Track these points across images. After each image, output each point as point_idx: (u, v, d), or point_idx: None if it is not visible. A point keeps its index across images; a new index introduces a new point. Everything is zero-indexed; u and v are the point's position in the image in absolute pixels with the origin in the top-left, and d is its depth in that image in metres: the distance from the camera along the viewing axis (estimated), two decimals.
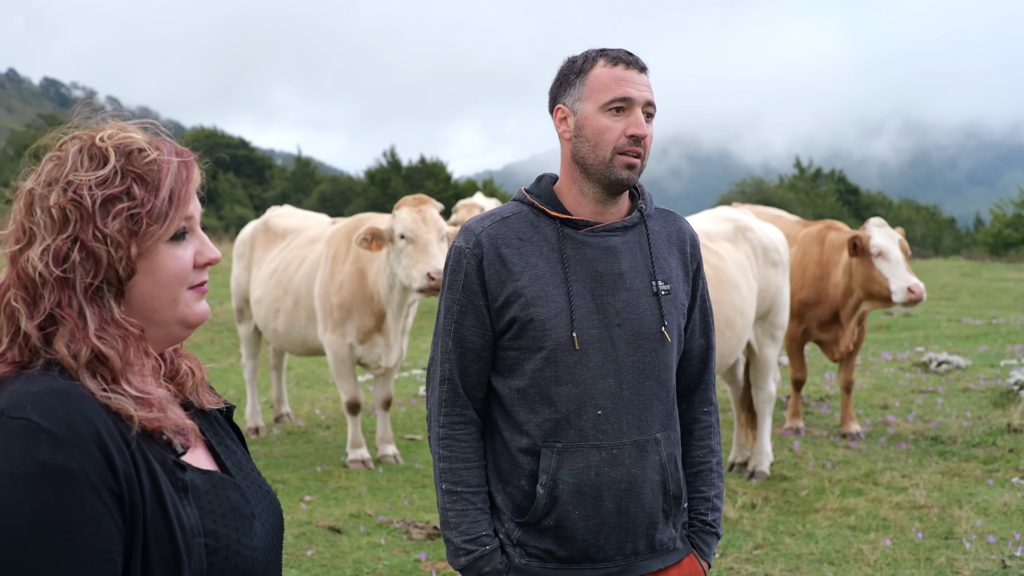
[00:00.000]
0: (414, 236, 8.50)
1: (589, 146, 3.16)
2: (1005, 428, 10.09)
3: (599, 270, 3.18)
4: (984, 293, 23.64)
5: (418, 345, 16.41)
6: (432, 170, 60.19)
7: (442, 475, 3.24)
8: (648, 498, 3.20)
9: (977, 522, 7.49)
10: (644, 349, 3.19)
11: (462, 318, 3.20)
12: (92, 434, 1.92)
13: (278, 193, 60.89)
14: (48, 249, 2.00)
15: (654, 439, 3.21)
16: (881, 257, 9.55)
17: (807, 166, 72.67)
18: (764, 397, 9.04)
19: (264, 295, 10.00)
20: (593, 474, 3.14)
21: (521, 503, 3.21)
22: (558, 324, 3.12)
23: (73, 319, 2.01)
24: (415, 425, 11.10)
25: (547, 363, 3.13)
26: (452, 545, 3.22)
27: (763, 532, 7.45)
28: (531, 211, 3.26)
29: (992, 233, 52.65)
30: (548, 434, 3.15)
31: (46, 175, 2.05)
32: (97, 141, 2.08)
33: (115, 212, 2.04)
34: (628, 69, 3.14)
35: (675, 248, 3.35)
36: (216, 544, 2.06)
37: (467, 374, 3.23)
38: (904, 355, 15.06)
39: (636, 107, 3.13)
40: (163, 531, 1.98)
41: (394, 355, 9.37)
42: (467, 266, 3.19)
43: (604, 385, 3.14)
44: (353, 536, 7.49)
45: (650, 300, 3.21)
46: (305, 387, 13.59)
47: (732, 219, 8.68)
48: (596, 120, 3.14)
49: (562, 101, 3.24)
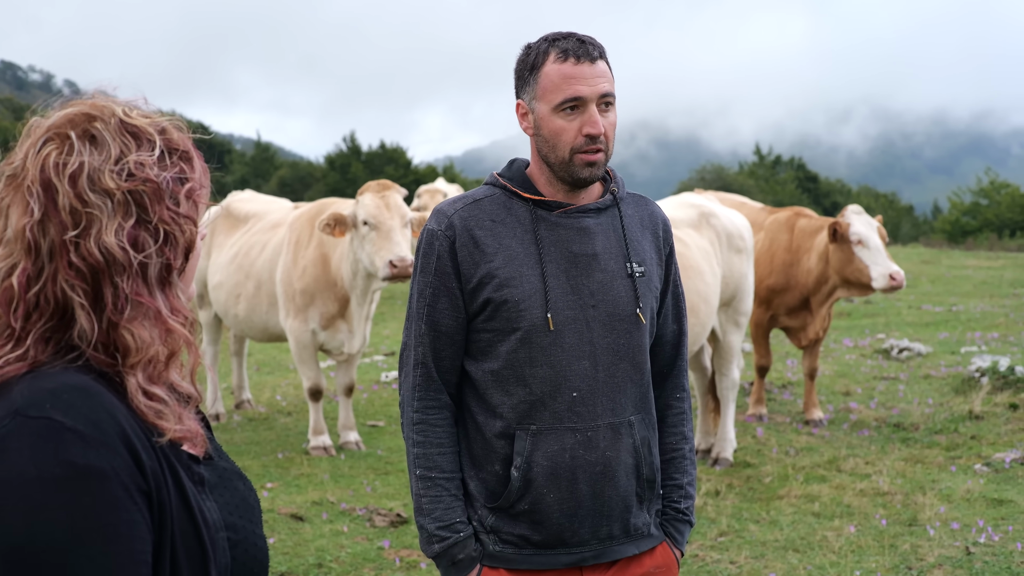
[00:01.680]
0: (377, 222, 8.43)
1: (548, 146, 3.13)
2: (967, 415, 10.12)
3: (573, 251, 3.14)
4: (943, 280, 23.78)
5: (379, 331, 16.36)
6: (392, 155, 60.06)
7: (416, 460, 3.19)
8: (623, 481, 3.17)
9: (941, 509, 7.51)
10: (619, 331, 3.16)
11: (435, 301, 3.15)
12: (118, 431, 1.82)
13: (237, 178, 60.55)
14: (123, 232, 1.89)
15: (628, 422, 3.18)
16: (861, 244, 9.55)
17: (767, 153, 72.98)
18: (728, 384, 9.03)
19: (225, 280, 9.91)
20: (568, 457, 3.11)
21: (495, 488, 3.17)
22: (532, 305, 3.09)
23: (152, 305, 1.92)
24: (377, 412, 11.05)
25: (521, 344, 3.10)
26: (426, 532, 3.18)
27: (727, 519, 7.44)
28: (504, 194, 3.22)
29: (950, 221, 53.10)
30: (522, 416, 3.11)
31: (79, 155, 1.91)
32: (123, 117, 1.97)
33: (184, 193, 1.98)
34: (579, 63, 3.06)
35: (648, 232, 3.32)
36: (236, 537, 2.01)
37: (441, 358, 3.18)
38: (865, 342, 15.11)
39: (590, 104, 3.06)
40: (188, 528, 1.91)
41: (357, 341, 9.30)
42: (439, 248, 3.14)
43: (579, 367, 3.11)
44: (315, 523, 7.43)
45: (624, 282, 3.18)
46: (266, 373, 13.51)
47: (696, 205, 8.65)
48: (551, 121, 3.10)
49: (521, 97, 3.20)
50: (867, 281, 9.53)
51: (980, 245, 41.47)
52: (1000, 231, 47.49)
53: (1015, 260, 30.18)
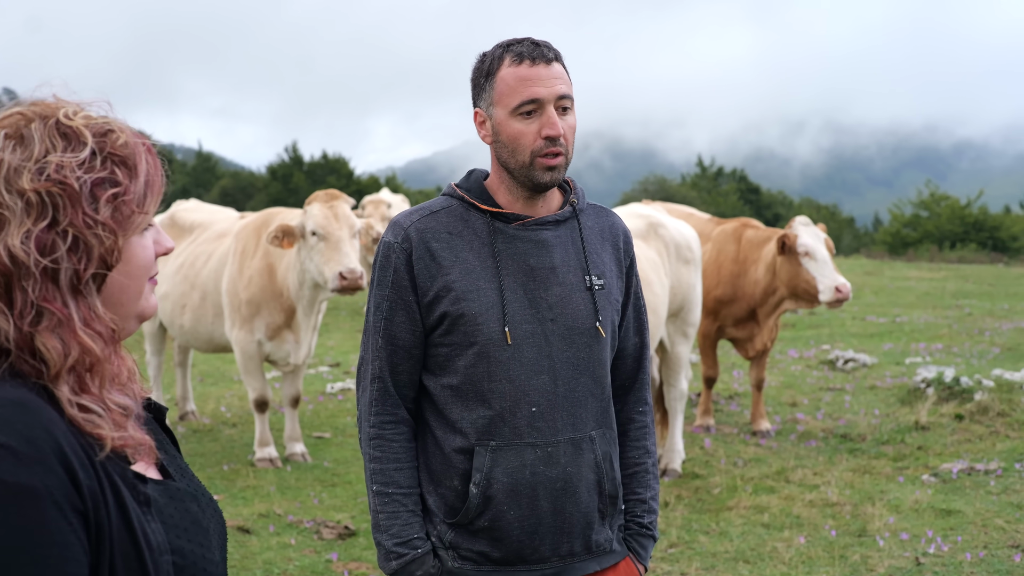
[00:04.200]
0: (326, 233, 8.36)
1: (508, 152, 3.08)
2: (913, 425, 10.18)
3: (531, 264, 3.10)
4: (887, 291, 23.96)
5: (325, 342, 16.29)
6: (334, 166, 59.96)
7: (373, 476, 3.14)
8: (584, 497, 3.13)
9: (890, 519, 7.53)
10: (578, 344, 3.12)
11: (392, 314, 3.11)
12: (54, 448, 1.75)
13: (178, 188, 60.16)
14: (30, 235, 1.81)
15: (589, 436, 3.14)
16: (808, 256, 9.57)
17: (710, 165, 73.42)
18: (676, 395, 9.03)
19: (170, 290, 9.80)
20: (528, 473, 3.07)
21: (453, 503, 3.12)
22: (490, 319, 3.04)
23: (61, 313, 1.84)
24: (323, 423, 10.96)
25: (479, 359, 3.05)
26: (383, 548, 3.12)
27: (677, 531, 7.42)
28: (461, 205, 3.17)
29: (891, 232, 53.61)
30: (482, 432, 3.06)
31: (0, 154, 1.85)
32: (62, 118, 1.90)
33: (105, 198, 1.88)
34: (534, 65, 3.02)
35: (608, 243, 3.28)
36: (183, 562, 1.93)
37: (398, 372, 3.13)
38: (811, 353, 15.19)
39: (547, 105, 3.03)
40: (130, 551, 1.83)
41: (303, 352, 9.22)
42: (396, 261, 3.09)
43: (538, 381, 3.07)
44: (262, 536, 7.35)
45: (583, 295, 3.14)
46: (210, 384, 13.39)
47: (644, 216, 8.65)
48: (509, 126, 3.06)
49: (478, 105, 3.15)
50: (814, 293, 9.55)
51: (921, 257, 41.93)
52: (940, 243, 47.99)
53: (956, 271, 30.52)
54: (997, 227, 50.52)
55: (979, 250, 46.07)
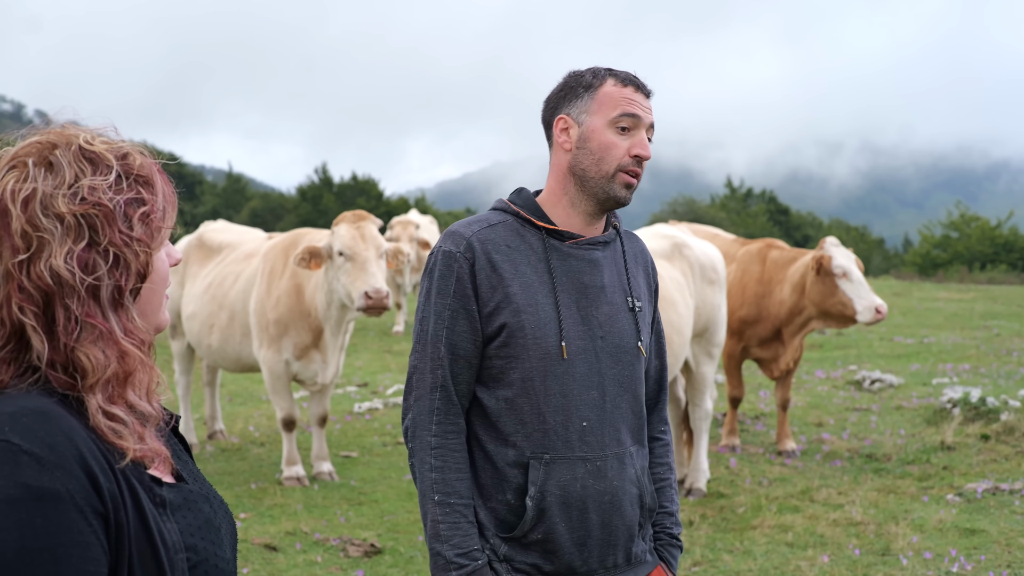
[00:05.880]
0: (352, 253, 8.43)
1: (593, 159, 3.18)
2: (938, 445, 10.17)
3: (584, 282, 3.19)
4: (915, 312, 23.86)
5: (352, 362, 16.33)
6: (364, 187, 60.01)
7: (434, 486, 3.14)
8: (628, 511, 3.22)
9: (913, 538, 7.53)
10: (623, 363, 3.21)
11: (454, 323, 3.15)
12: (75, 454, 1.85)
13: (208, 209, 60.39)
14: (72, 255, 1.93)
15: (629, 452, 3.23)
16: (845, 277, 9.59)
17: (739, 186, 73.28)
18: (701, 414, 9.06)
19: (198, 310, 9.88)
20: (579, 486, 3.13)
21: (506, 517, 3.17)
22: (548, 333, 3.11)
23: (104, 326, 1.95)
24: (350, 442, 11.02)
25: (536, 372, 3.12)
26: (443, 559, 3.12)
27: (701, 549, 7.45)
28: (516, 220, 3.24)
29: (921, 254, 53.33)
30: (536, 445, 3.13)
31: (33, 182, 1.95)
32: (84, 144, 2.01)
33: (137, 216, 2.00)
34: (637, 92, 3.19)
35: (640, 268, 3.40)
36: (196, 559, 2.03)
37: (459, 381, 3.17)
38: (837, 373, 15.15)
39: (642, 128, 3.17)
40: (147, 549, 1.93)
41: (331, 372, 9.28)
42: (459, 270, 3.14)
43: (589, 396, 3.14)
44: (289, 554, 7.41)
45: (627, 315, 3.25)
46: (238, 404, 13.46)
47: (669, 236, 8.69)
48: (603, 134, 3.16)
49: (565, 111, 3.23)
50: (851, 314, 9.56)
51: (951, 278, 41.67)
52: (970, 264, 47.71)
53: (986, 292, 30.33)
54: None
55: (1009, 271, 45.78)
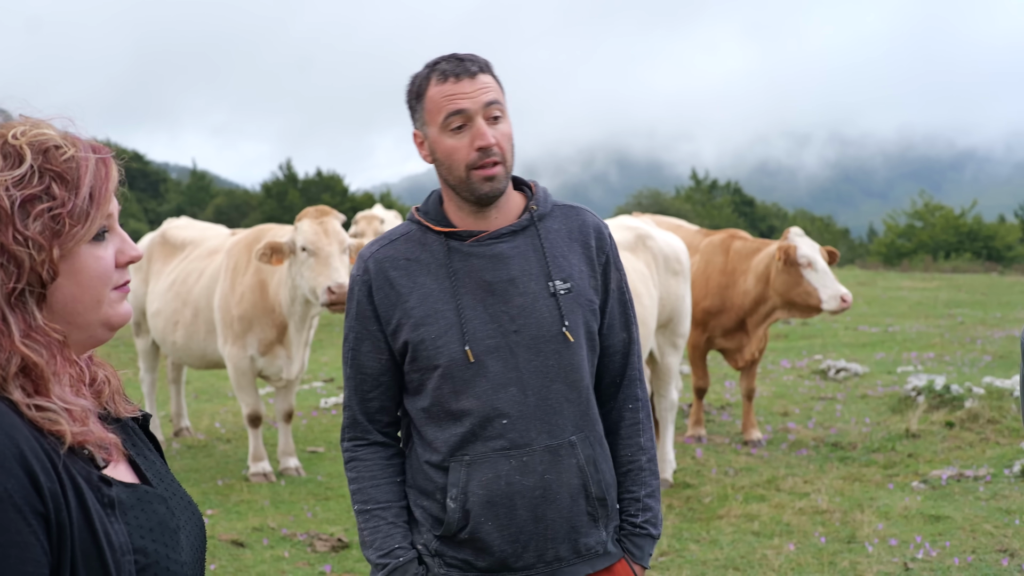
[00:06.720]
0: (316, 249, 8.40)
1: (446, 168, 3.13)
2: (903, 433, 10.22)
3: (487, 279, 3.14)
4: (879, 302, 24.00)
5: (318, 358, 16.32)
6: (329, 183, 59.87)
7: (354, 496, 3.26)
8: (566, 503, 3.16)
9: (879, 526, 7.57)
10: (546, 352, 3.14)
11: (358, 345, 3.22)
12: (14, 453, 1.82)
13: (173, 207, 60.12)
14: None
15: (568, 442, 3.17)
16: (810, 267, 9.59)
17: (704, 177, 73.48)
18: (666, 405, 9.07)
19: (162, 308, 9.84)
20: (503, 483, 3.12)
21: (438, 515, 3.19)
22: (449, 340, 3.10)
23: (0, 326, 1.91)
24: (316, 438, 11.00)
25: (444, 380, 3.12)
26: (371, 563, 3.22)
27: (668, 539, 7.46)
28: (419, 229, 3.24)
29: (885, 243, 53.62)
30: (454, 448, 3.14)
31: None
32: (10, 139, 1.97)
33: (35, 213, 1.93)
34: (459, 81, 3.06)
35: (577, 244, 3.27)
36: (146, 561, 1.98)
37: (368, 399, 3.25)
38: (803, 363, 15.22)
39: (476, 117, 3.06)
40: (91, 550, 1.90)
41: (295, 367, 9.26)
42: (358, 293, 3.21)
43: (506, 394, 3.11)
44: (256, 550, 7.39)
45: (548, 301, 3.16)
46: (204, 400, 13.42)
47: (632, 228, 8.69)
48: (442, 142, 3.10)
49: (415, 126, 3.21)
50: (816, 303, 9.57)
51: (915, 267, 41.95)
52: (935, 253, 48.01)
53: (950, 281, 30.56)
54: (991, 236, 50.54)
55: (973, 260, 46.10)
